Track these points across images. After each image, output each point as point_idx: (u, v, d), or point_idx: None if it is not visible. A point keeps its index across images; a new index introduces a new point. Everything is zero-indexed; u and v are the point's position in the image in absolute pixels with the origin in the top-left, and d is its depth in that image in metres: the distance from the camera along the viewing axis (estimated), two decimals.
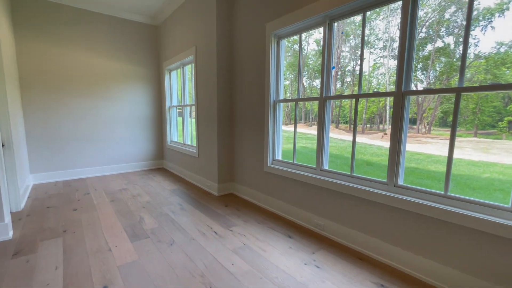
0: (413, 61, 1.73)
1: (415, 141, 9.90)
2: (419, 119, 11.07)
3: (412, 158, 7.35)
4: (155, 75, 4.75)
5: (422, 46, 10.35)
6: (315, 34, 14.55)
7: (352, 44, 16.66)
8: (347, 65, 19.47)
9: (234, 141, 3.37)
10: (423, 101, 10.78)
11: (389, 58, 13.11)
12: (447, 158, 1.58)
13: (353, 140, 2.10)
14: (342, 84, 16.37)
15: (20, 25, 3.50)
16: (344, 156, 7.45)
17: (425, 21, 9.89)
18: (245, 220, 2.55)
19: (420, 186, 1.75)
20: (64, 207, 2.84)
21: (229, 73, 3.25)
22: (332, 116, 2.05)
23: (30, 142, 3.69)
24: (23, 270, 1.70)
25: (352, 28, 14.75)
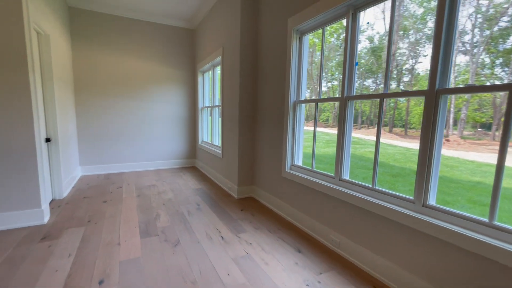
0: (453, 53, 1.38)
1: (488, 150, 8.39)
2: (495, 124, 9.30)
3: (478, 170, 6.23)
4: (190, 77, 4.93)
5: (503, 37, 8.61)
6: (367, 31, 13.52)
7: (412, 40, 14.93)
8: (404, 63, 17.50)
9: (255, 143, 3.27)
10: (502, 103, 9.04)
11: (458, 53, 11.40)
12: (494, 174, 1.21)
13: (376, 147, 1.79)
14: (398, 84, 14.81)
15: (76, 35, 3.98)
16: (389, 164, 6.68)
17: (508, 7, 8.29)
18: (256, 227, 2.42)
19: (480, 205, 1.39)
20: (97, 198, 3.10)
21: (252, 73, 3.16)
22: (383, 118, 1.84)
23: (81, 138, 4.17)
24: (43, 254, 1.87)
25: (411, 23, 13.24)
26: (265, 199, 3.06)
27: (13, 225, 2.25)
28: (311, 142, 2.45)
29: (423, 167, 1.48)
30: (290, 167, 2.66)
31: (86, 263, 1.77)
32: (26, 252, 1.89)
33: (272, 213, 2.78)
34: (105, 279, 1.61)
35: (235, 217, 2.64)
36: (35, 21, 2.47)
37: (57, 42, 3.19)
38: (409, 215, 1.49)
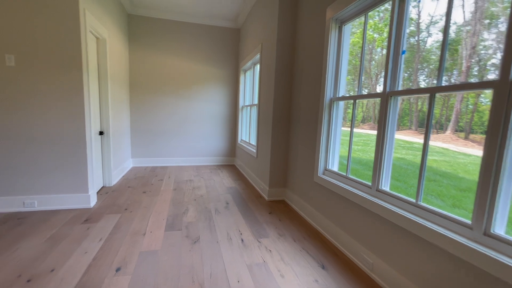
0: None
1: None
2: None
3: None
4: (232, 76, 4.99)
5: None
6: (440, 22, 11.85)
7: (500, 30, 12.40)
8: (490, 58, 14.74)
9: (289, 144, 3.08)
10: None
11: None
12: None
13: (422, 153, 1.45)
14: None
15: (133, 38, 4.40)
16: (458, 175, 5.63)
17: None
18: (280, 233, 2.25)
19: None
20: (139, 188, 3.35)
21: (288, 69, 2.98)
22: (432, 118, 1.51)
23: (133, 132, 4.60)
24: (80, 235, 2.06)
25: (501, 8, 11.13)
26: (296, 204, 2.85)
27: (65, 206, 2.56)
28: (348, 145, 2.16)
29: (487, 182, 1.11)
30: (323, 171, 2.41)
31: (111, 249, 1.88)
32: (68, 231, 2.11)
33: (300, 220, 2.56)
34: (122, 267, 1.67)
35: (261, 220, 2.52)
36: (94, 28, 2.77)
37: (114, 46, 3.55)
38: (465, 245, 1.14)
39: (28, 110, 2.37)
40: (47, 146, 2.45)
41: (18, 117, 2.36)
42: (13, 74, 2.31)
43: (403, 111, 9.61)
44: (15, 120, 2.35)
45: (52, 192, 2.51)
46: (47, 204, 2.51)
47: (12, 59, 2.30)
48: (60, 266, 1.66)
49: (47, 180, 2.49)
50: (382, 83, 1.74)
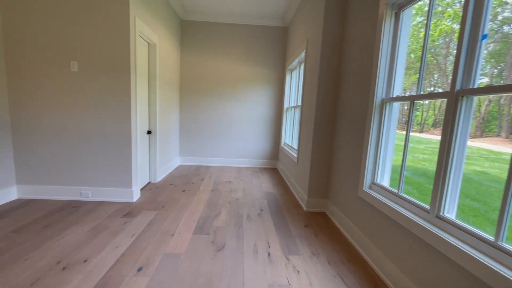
0: None
1: None
2: None
3: None
4: (278, 76, 4.83)
5: None
6: None
7: None
8: None
9: (333, 150, 2.75)
10: None
11: None
12: None
13: (510, 170, 1.04)
14: None
15: (184, 42, 4.63)
16: None
17: None
18: (314, 252, 1.98)
19: None
20: (179, 187, 3.47)
21: (334, 66, 2.66)
22: None
23: (182, 132, 4.84)
24: (117, 229, 2.18)
25: None
26: (337, 218, 2.52)
27: (113, 199, 2.78)
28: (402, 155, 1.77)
29: None
30: (370, 185, 2.05)
31: (139, 247, 1.92)
32: (108, 224, 2.26)
33: (340, 238, 2.24)
34: (144, 268, 1.67)
35: (294, 233, 2.29)
36: (144, 34, 2.96)
37: (165, 50, 3.77)
38: None
39: (86, 111, 2.65)
40: (100, 144, 2.70)
41: (78, 117, 2.65)
42: (76, 79, 2.61)
43: (489, 114, 7.78)
44: (76, 120, 2.65)
45: (103, 185, 2.76)
46: (98, 196, 2.77)
47: (75, 65, 2.59)
48: (92, 258, 1.75)
49: (99, 174, 2.74)
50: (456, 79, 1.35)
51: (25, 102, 2.60)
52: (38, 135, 2.65)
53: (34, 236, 1.99)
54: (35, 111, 2.62)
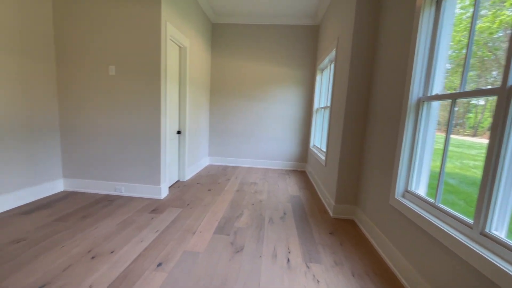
0: None
1: None
2: None
3: None
4: (308, 76, 4.69)
5: None
6: None
7: None
8: None
9: (363, 153, 2.56)
10: None
11: None
12: None
13: None
14: None
15: (215, 45, 4.75)
16: None
17: None
18: (337, 262, 1.85)
19: None
20: (206, 186, 3.54)
21: (365, 64, 2.48)
22: None
23: (211, 132, 4.96)
24: (144, 224, 2.29)
25: None
26: (366, 227, 2.34)
27: (143, 195, 2.93)
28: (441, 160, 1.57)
29: None
30: (403, 193, 1.85)
31: (161, 243, 1.99)
32: (136, 218, 2.38)
33: (368, 248, 2.06)
34: (163, 263, 1.72)
35: (318, 240, 2.17)
36: (175, 38, 3.09)
37: (196, 53, 3.89)
38: None
39: (121, 112, 2.84)
40: (133, 143, 2.87)
41: (114, 118, 2.85)
42: (114, 82, 2.81)
43: None
44: (112, 121, 2.85)
45: (135, 181, 2.93)
46: (130, 191, 2.94)
47: (113, 69, 2.79)
48: (118, 249, 1.85)
49: (131, 171, 2.91)
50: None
51: (71, 105, 2.88)
52: (81, 134, 2.91)
53: (72, 225, 2.17)
54: (78, 113, 2.88)
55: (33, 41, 2.56)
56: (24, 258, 1.69)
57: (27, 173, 2.58)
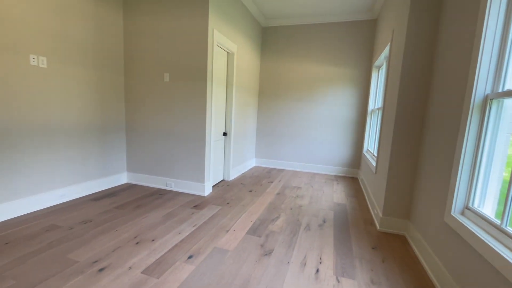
0: None
1: None
2: None
3: None
4: (363, 75, 4.33)
5: None
6: None
7: None
8: None
9: (418, 161, 2.22)
10: None
11: None
12: None
13: None
14: None
15: (264, 48, 4.83)
16: None
17: None
18: (374, 281, 1.65)
19: None
20: (248, 187, 3.61)
21: (420, 58, 2.15)
22: None
23: (258, 134, 5.04)
24: (185, 218, 2.47)
25: None
26: (418, 246, 2.01)
27: (189, 191, 3.17)
28: None
29: None
30: (462, 210, 1.53)
31: (196, 237, 2.11)
32: (179, 212, 2.59)
33: (417, 271, 1.77)
34: (193, 256, 1.82)
35: (356, 254, 1.97)
36: (222, 44, 3.26)
37: (243, 58, 4.03)
38: None
39: (173, 115, 3.14)
40: (182, 142, 3.14)
41: (168, 120, 3.17)
42: (168, 88, 3.14)
43: None
44: (166, 122, 3.18)
45: (183, 178, 3.19)
46: (179, 187, 3.22)
47: (167, 76, 3.12)
48: (159, 238, 2.05)
49: (180, 168, 3.19)
50: None
51: (134, 109, 3.33)
52: (141, 134, 3.34)
53: (127, 213, 2.50)
54: (139, 116, 3.31)
55: (108, 57, 3.06)
56: (87, 237, 2.02)
57: (99, 167, 3.09)
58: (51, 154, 2.55)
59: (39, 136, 2.43)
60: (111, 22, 3.06)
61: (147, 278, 1.57)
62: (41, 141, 2.45)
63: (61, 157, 2.65)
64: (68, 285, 1.47)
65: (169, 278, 1.58)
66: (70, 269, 1.61)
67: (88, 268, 1.63)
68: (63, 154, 2.66)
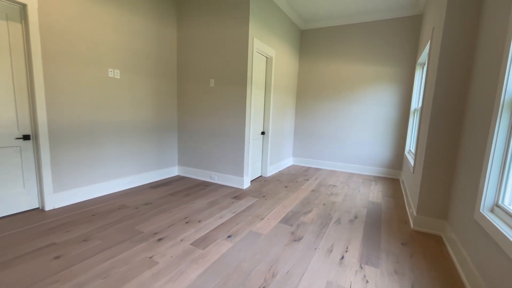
0: None
1: None
2: None
3: None
4: (406, 73, 4.19)
5: None
6: None
7: None
8: None
9: (456, 160, 2.17)
10: None
11: None
12: None
13: None
14: None
15: (303, 51, 4.98)
16: None
17: None
18: (398, 271, 1.73)
19: None
20: (284, 183, 3.82)
21: (459, 54, 2.11)
22: None
23: (296, 134, 5.20)
24: (225, 206, 2.80)
25: None
26: (453, 245, 1.99)
27: (230, 184, 3.52)
28: None
29: None
30: (492, 207, 1.53)
31: (234, 221, 2.41)
32: (221, 201, 2.94)
33: (447, 268, 1.78)
34: (232, 236, 2.12)
35: (383, 247, 2.05)
36: (261, 50, 3.55)
37: (281, 61, 4.26)
38: None
39: (217, 116, 3.53)
40: (223, 140, 3.51)
41: (212, 120, 3.58)
42: (213, 92, 3.54)
43: None
44: (211, 122, 3.59)
45: (224, 172, 3.56)
46: (221, 180, 3.60)
47: (213, 82, 3.52)
48: (204, 220, 2.40)
49: (222, 163, 3.56)
50: None
51: (184, 111, 3.82)
52: (189, 133, 3.81)
53: (178, 199, 2.94)
54: (188, 117, 3.79)
55: (165, 66, 3.59)
56: (148, 215, 2.48)
57: (156, 160, 3.64)
58: (121, 149, 3.14)
59: (113, 133, 3.03)
60: (167, 36, 3.60)
61: (195, 248, 1.91)
62: (114, 138, 3.04)
63: (128, 151, 3.23)
64: (137, 247, 1.89)
65: (212, 250, 1.90)
66: (137, 237, 2.05)
67: (150, 237, 2.05)
68: (129, 149, 3.24)
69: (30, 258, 1.71)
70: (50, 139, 2.47)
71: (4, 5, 2.13)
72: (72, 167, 2.67)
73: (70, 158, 2.64)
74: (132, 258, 1.76)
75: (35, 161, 2.44)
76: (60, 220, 2.29)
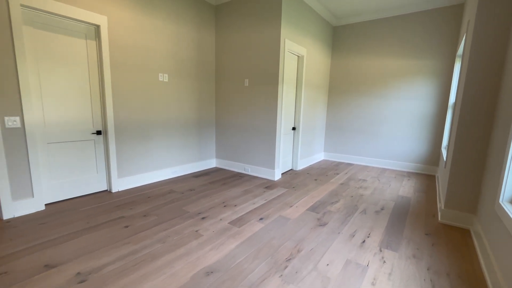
0: None
1: None
2: None
3: None
4: (444, 66, 4.04)
5: None
6: None
7: None
8: None
9: (487, 154, 2.17)
10: None
11: None
12: None
13: None
14: None
15: (335, 47, 5.04)
16: None
17: None
18: (416, 256, 1.86)
19: None
20: (314, 176, 4.00)
21: (492, 45, 2.10)
22: None
23: (327, 129, 5.30)
24: (258, 194, 3.11)
25: None
26: (479, 238, 2.03)
27: (262, 175, 3.82)
28: None
29: None
30: (511, 198, 1.59)
31: (265, 207, 2.70)
32: (254, 190, 3.25)
33: (470, 259, 1.85)
34: (263, 219, 2.42)
35: (405, 235, 2.17)
36: (293, 50, 3.76)
37: (313, 59, 4.40)
38: None
39: (249, 113, 3.84)
40: (257, 135, 3.81)
41: (246, 117, 3.90)
42: (247, 91, 3.86)
43: None
44: (244, 119, 3.92)
45: (257, 164, 3.87)
46: (254, 172, 3.92)
47: (247, 81, 3.84)
48: (239, 205, 2.74)
49: (255, 156, 3.88)
50: None
51: (221, 109, 4.21)
52: (226, 128, 4.19)
53: (217, 187, 3.33)
54: (225, 114, 4.17)
55: (205, 69, 4.01)
56: (193, 199, 2.89)
57: (197, 153, 4.09)
58: (167, 143, 3.63)
59: (162, 129, 3.52)
60: (207, 42, 4.00)
61: (232, 226, 2.25)
62: (162, 133, 3.53)
63: (173, 145, 3.71)
64: (185, 223, 2.29)
65: (246, 228, 2.22)
66: (185, 215, 2.46)
67: (195, 216, 2.45)
68: (175, 142, 3.72)
69: (107, 226, 2.21)
70: (115, 134, 3.01)
71: (84, 27, 2.67)
72: (130, 157, 3.21)
73: (128, 150, 3.18)
74: (182, 230, 2.16)
75: (104, 152, 3.01)
76: (124, 200, 2.82)
